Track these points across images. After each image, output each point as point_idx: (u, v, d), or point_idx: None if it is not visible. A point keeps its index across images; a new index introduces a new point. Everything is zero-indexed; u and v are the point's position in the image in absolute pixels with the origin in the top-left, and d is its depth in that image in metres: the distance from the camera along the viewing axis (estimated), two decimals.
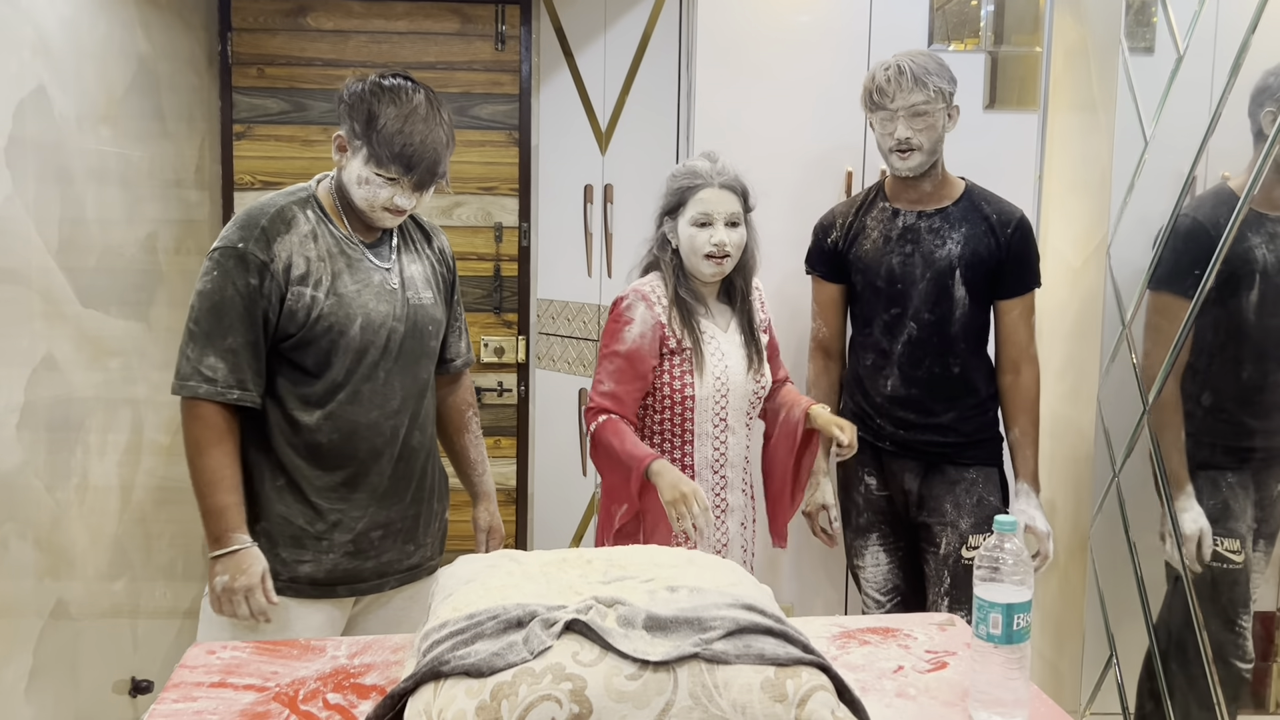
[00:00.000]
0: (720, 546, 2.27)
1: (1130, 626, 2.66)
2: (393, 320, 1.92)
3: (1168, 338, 2.36)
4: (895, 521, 2.47)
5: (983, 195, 2.37)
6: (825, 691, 1.22)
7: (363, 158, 1.84)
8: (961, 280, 2.31)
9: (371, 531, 1.93)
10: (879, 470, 2.45)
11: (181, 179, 3.08)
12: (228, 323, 1.80)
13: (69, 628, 2.37)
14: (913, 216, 2.36)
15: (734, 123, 2.76)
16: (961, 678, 1.47)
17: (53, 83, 2.29)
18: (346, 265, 1.89)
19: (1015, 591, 1.33)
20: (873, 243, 2.39)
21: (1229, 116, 2.35)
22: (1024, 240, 2.32)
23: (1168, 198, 2.47)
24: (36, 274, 2.22)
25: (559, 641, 1.21)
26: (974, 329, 2.35)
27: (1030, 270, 2.35)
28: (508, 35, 3.39)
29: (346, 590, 1.94)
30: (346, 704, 1.37)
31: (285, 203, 1.88)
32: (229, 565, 1.80)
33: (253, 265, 1.80)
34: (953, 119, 2.32)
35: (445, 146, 1.88)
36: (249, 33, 3.34)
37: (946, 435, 2.36)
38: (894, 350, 2.36)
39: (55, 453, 2.31)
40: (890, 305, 2.36)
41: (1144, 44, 2.56)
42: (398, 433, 1.95)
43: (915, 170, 2.30)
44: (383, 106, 1.82)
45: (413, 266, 2.00)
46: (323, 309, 1.84)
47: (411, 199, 1.88)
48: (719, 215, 2.15)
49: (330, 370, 1.86)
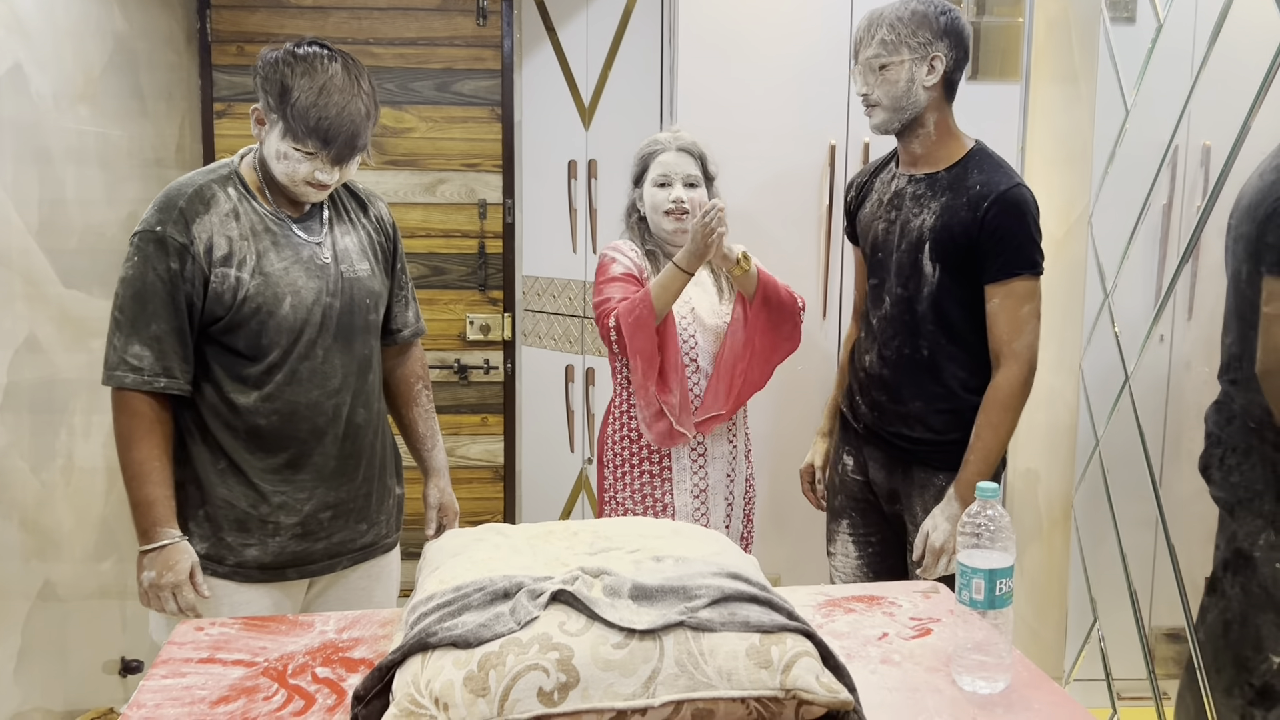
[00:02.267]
0: (699, 491, 2.33)
1: (1113, 593, 2.69)
2: (326, 296, 1.86)
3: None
4: (868, 510, 2.30)
5: (982, 163, 2.10)
6: (810, 658, 1.23)
7: (279, 132, 1.76)
8: (931, 255, 2.09)
9: (320, 513, 1.89)
10: (856, 452, 2.30)
11: (162, 158, 3.05)
12: (151, 309, 1.75)
13: (57, 609, 2.37)
14: (904, 180, 2.18)
15: (717, 97, 2.76)
16: (945, 644, 1.49)
17: (29, 61, 2.26)
18: (272, 243, 1.82)
19: (998, 557, 1.34)
20: (871, 206, 2.25)
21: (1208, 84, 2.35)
22: (1003, 218, 2.02)
23: (1148, 167, 2.48)
24: (17, 255, 2.21)
25: (546, 612, 1.22)
26: (947, 311, 2.10)
27: (1011, 253, 2.03)
28: (489, 10, 3.37)
29: (296, 573, 1.90)
30: (335, 677, 1.38)
31: (204, 181, 1.82)
32: (156, 561, 1.77)
33: (172, 249, 1.75)
34: (935, 70, 2.06)
35: (365, 118, 1.80)
36: (228, 10, 3.31)
37: (914, 428, 2.15)
38: (875, 324, 2.22)
39: (40, 434, 2.31)
40: (872, 273, 2.23)
41: (1125, 14, 2.56)
42: (340, 411, 1.89)
43: (879, 128, 2.13)
44: (296, 78, 1.74)
45: (346, 238, 1.93)
46: (248, 290, 1.78)
47: (332, 173, 1.80)
48: (676, 175, 2.31)
49: (264, 351, 1.81)
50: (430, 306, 3.40)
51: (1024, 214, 2.04)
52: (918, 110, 2.09)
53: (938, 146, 2.13)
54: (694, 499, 2.33)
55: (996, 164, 2.10)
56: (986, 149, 2.14)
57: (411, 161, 3.41)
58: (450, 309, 3.47)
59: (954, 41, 2.07)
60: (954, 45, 2.07)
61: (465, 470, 3.54)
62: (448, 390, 3.51)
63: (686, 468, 2.34)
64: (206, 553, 1.83)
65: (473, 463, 3.55)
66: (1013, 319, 2.05)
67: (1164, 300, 2.38)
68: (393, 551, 2.07)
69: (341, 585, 1.98)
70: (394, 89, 3.36)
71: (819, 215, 2.80)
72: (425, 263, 3.44)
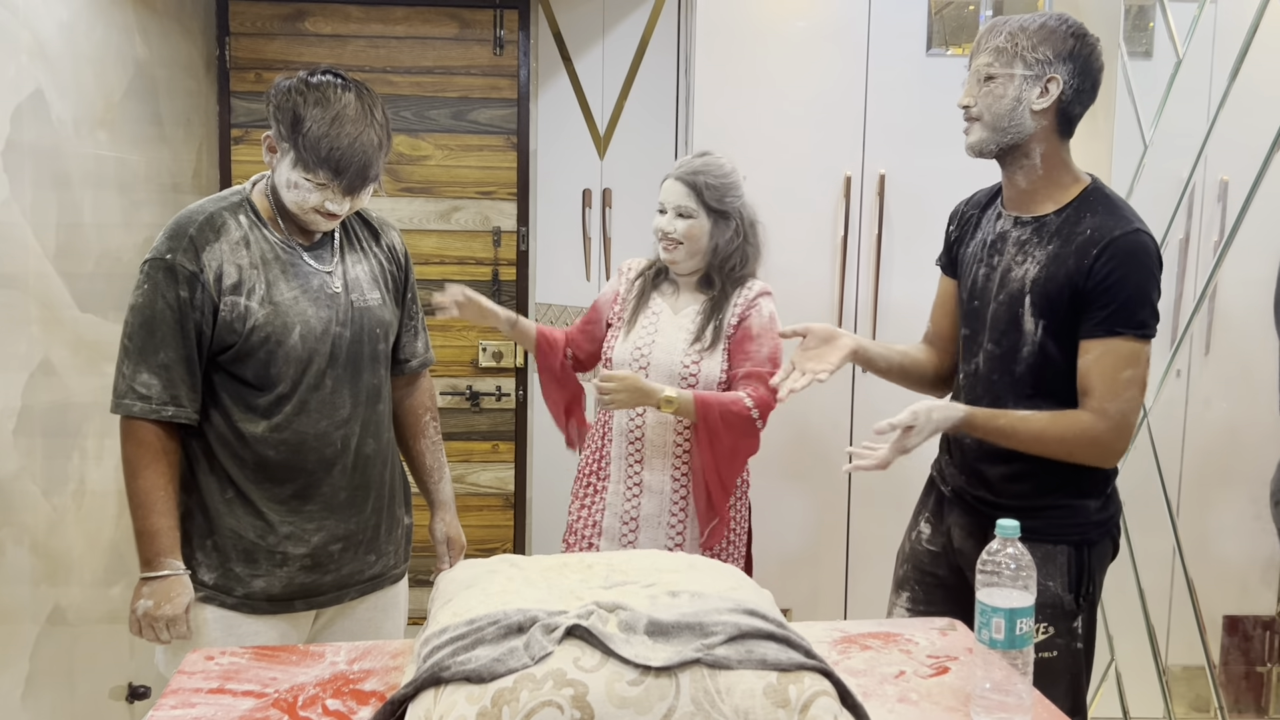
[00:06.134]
0: (629, 519, 2.31)
1: (1130, 630, 2.65)
2: (335, 325, 1.83)
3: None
4: (934, 587, 2.01)
5: (1097, 204, 1.80)
6: (828, 697, 1.21)
7: (290, 161, 1.74)
8: (1032, 309, 1.80)
9: (330, 545, 1.86)
10: (937, 518, 2.02)
11: (179, 183, 3.07)
12: (160, 337, 1.73)
13: (66, 633, 2.36)
14: (1009, 222, 1.88)
15: (733, 127, 2.76)
16: (963, 683, 1.47)
17: (50, 87, 2.28)
18: (281, 271, 1.80)
19: (1018, 596, 1.33)
20: (974, 245, 1.96)
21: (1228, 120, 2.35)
22: (1114, 265, 1.72)
23: (1167, 202, 2.47)
24: (34, 278, 2.21)
25: (560, 647, 1.20)
26: (1049, 376, 1.81)
27: (1118, 307, 1.72)
28: (506, 40, 3.39)
29: (304, 604, 1.87)
30: (346, 710, 1.37)
31: (215, 209, 1.80)
32: (156, 591, 1.74)
33: (181, 277, 1.73)
34: (1048, 94, 1.77)
35: (378, 149, 1.77)
36: (247, 37, 3.33)
37: (1000, 495, 1.87)
38: (963, 380, 1.96)
39: (52, 458, 2.30)
40: (965, 324, 1.96)
41: (1142, 48, 2.57)
42: (349, 442, 1.87)
43: (975, 148, 1.85)
44: (309, 107, 1.72)
45: (357, 267, 1.91)
46: (258, 319, 1.76)
47: (343, 204, 1.78)
48: (669, 204, 2.27)
49: (272, 381, 1.79)
50: (443, 333, 3.40)
51: (1140, 264, 1.73)
52: (1021, 137, 1.80)
53: (1045, 184, 1.83)
54: (623, 524, 2.32)
55: (1114, 205, 1.80)
56: (1104, 189, 1.84)
57: (427, 189, 3.42)
58: (463, 335, 3.47)
59: (1079, 69, 1.78)
60: (1078, 73, 1.78)
61: (476, 498, 3.53)
62: (459, 417, 3.50)
63: (620, 494, 2.33)
64: (214, 583, 1.81)
65: (484, 490, 3.54)
66: (1109, 378, 1.73)
67: (1182, 336, 2.36)
68: (401, 582, 2.05)
69: (349, 617, 1.96)
70: (410, 117, 3.38)
71: (834, 246, 2.80)
72: (439, 289, 3.44)
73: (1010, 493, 1.86)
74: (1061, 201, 1.82)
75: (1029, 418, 1.78)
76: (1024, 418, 1.78)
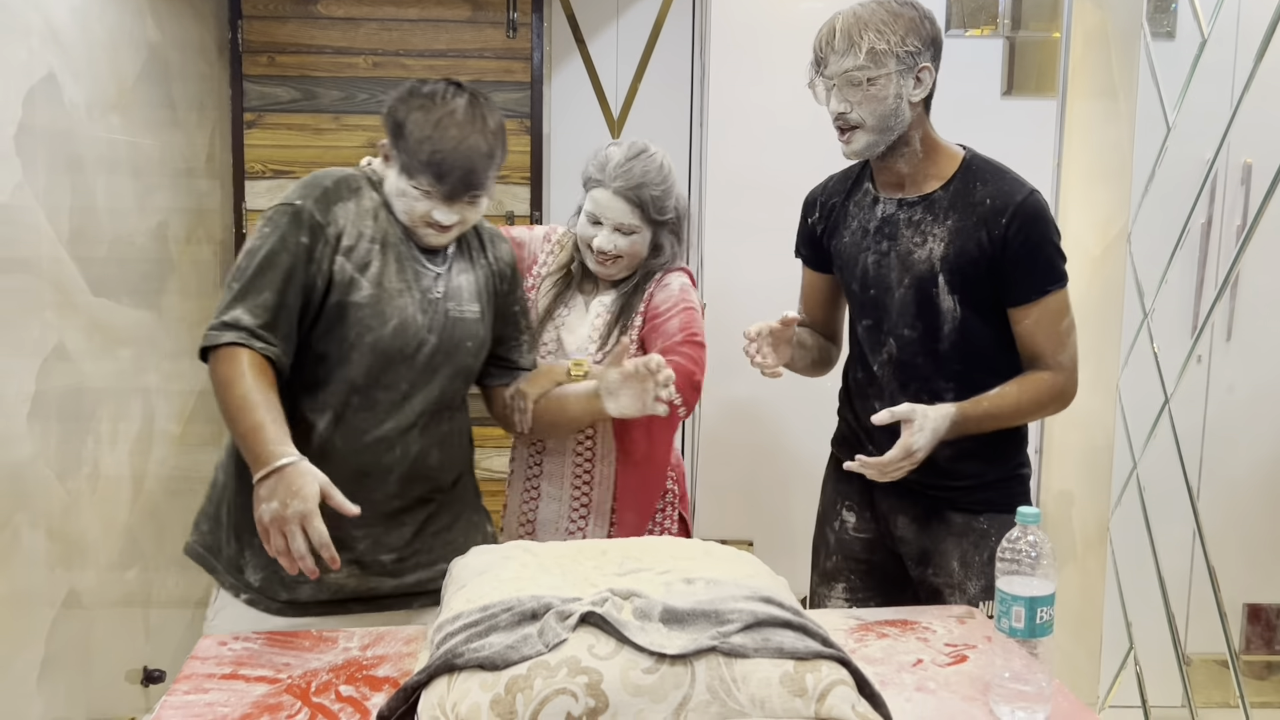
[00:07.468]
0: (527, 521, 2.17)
1: (1149, 618, 2.63)
2: (425, 331, 1.76)
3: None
4: (868, 575, 1.98)
5: (982, 173, 1.81)
6: (845, 686, 1.20)
7: (397, 168, 1.71)
8: (948, 287, 1.79)
9: (381, 555, 1.76)
10: (865, 507, 1.97)
11: (192, 168, 3.06)
12: (268, 279, 1.63)
13: (81, 617, 2.36)
14: (892, 205, 1.86)
15: (747, 110, 2.73)
16: (982, 671, 1.45)
17: (63, 70, 2.27)
18: (396, 259, 1.74)
19: (1038, 584, 1.31)
20: (851, 234, 1.92)
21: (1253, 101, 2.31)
22: (1027, 231, 1.75)
23: (1190, 185, 2.43)
24: (47, 263, 2.21)
25: (574, 634, 1.20)
26: (975, 346, 1.82)
27: (1041, 269, 1.77)
28: (519, 22, 3.36)
29: (360, 606, 1.77)
30: (359, 696, 1.36)
31: (355, 173, 1.77)
32: (277, 487, 1.48)
33: (306, 223, 1.66)
34: (922, 84, 1.77)
35: (486, 156, 1.70)
36: (259, 20, 3.32)
37: (944, 476, 1.84)
38: (878, 370, 1.90)
39: (67, 442, 2.30)
40: (864, 314, 1.91)
41: (1165, 29, 2.52)
42: (409, 450, 1.77)
43: (861, 154, 1.82)
44: (412, 112, 1.68)
45: (461, 276, 1.84)
46: (362, 296, 1.69)
47: (450, 214, 1.71)
48: (607, 220, 2.02)
49: (348, 367, 1.71)
50: None
51: (1046, 222, 1.78)
52: (903, 129, 1.79)
53: (926, 163, 1.83)
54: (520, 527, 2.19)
55: (999, 171, 1.82)
56: (980, 156, 1.86)
57: None
58: None
59: (937, 50, 1.79)
60: (937, 54, 1.79)
61: (490, 482, 3.52)
62: (473, 401, 3.48)
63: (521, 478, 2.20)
64: (260, 585, 1.72)
65: (497, 474, 3.53)
66: (1052, 335, 1.78)
67: (1204, 322, 2.33)
68: None
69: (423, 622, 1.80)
70: None
71: None
72: None
73: (962, 473, 1.84)
74: (945, 176, 1.83)
75: (1002, 394, 1.79)
76: (998, 396, 1.78)
